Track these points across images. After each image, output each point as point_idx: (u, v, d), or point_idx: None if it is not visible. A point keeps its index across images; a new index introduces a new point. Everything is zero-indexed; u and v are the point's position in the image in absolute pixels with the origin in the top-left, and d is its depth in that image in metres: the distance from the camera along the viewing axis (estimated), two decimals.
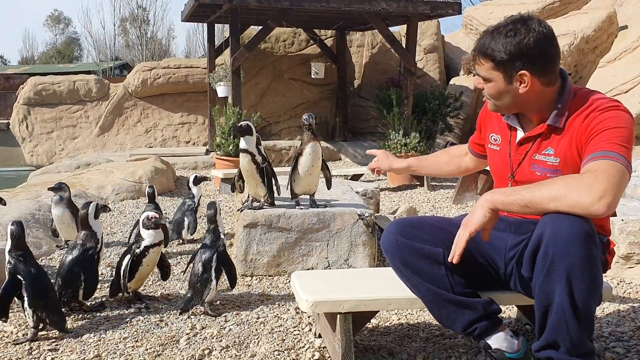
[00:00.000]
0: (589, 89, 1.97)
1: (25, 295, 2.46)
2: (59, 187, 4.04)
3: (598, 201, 1.66)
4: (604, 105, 1.83)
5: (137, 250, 2.87)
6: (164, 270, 3.08)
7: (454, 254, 1.84)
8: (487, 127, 2.16)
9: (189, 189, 4.36)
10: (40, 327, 2.51)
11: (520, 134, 2.00)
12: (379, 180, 7.69)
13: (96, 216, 2.90)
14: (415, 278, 1.97)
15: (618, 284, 3.12)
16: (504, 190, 1.83)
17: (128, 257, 2.87)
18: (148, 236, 2.88)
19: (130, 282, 2.90)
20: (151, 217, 2.88)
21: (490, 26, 1.93)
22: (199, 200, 4.28)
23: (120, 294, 2.95)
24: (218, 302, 2.96)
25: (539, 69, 1.85)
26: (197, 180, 4.32)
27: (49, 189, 4.13)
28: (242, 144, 3.22)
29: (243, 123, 3.20)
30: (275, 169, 3.44)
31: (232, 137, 7.17)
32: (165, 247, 3.71)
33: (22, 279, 2.47)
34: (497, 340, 1.98)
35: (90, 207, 2.88)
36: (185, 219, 4.20)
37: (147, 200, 4.11)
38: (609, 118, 1.80)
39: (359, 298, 2.11)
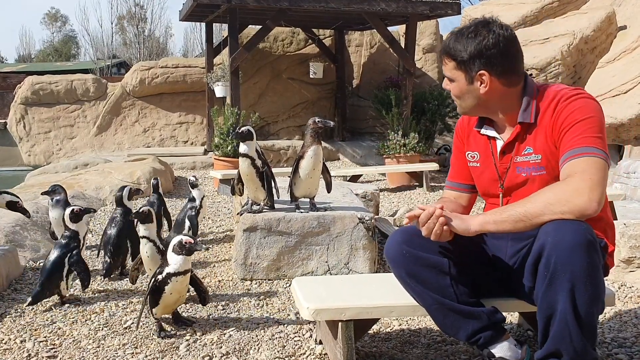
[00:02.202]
0: (551, 84, 1.99)
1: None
2: (52, 191, 4.00)
3: (588, 202, 1.71)
4: (569, 94, 1.86)
5: (159, 277, 2.50)
6: (202, 296, 2.71)
7: (412, 214, 1.88)
8: (464, 146, 2.14)
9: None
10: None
11: (500, 143, 1.99)
12: (377, 180, 7.68)
13: (129, 198, 3.50)
14: (420, 288, 1.96)
15: (619, 288, 3.10)
16: (495, 210, 1.85)
17: (152, 281, 2.53)
18: (174, 262, 2.48)
19: (155, 309, 2.56)
20: (185, 242, 2.47)
21: (456, 27, 1.97)
22: (200, 202, 4.21)
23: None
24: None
25: (499, 69, 1.89)
26: (194, 183, 4.27)
27: (42, 194, 4.13)
28: (242, 148, 3.20)
29: (244, 128, 3.16)
30: (273, 170, 3.42)
31: (230, 138, 7.14)
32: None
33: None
34: (501, 350, 1.96)
35: (124, 190, 3.54)
36: (187, 221, 4.18)
37: (151, 191, 4.27)
38: (577, 109, 1.82)
39: (361, 305, 2.09)
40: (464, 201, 2.17)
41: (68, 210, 3.06)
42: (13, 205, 3.43)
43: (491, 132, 2.02)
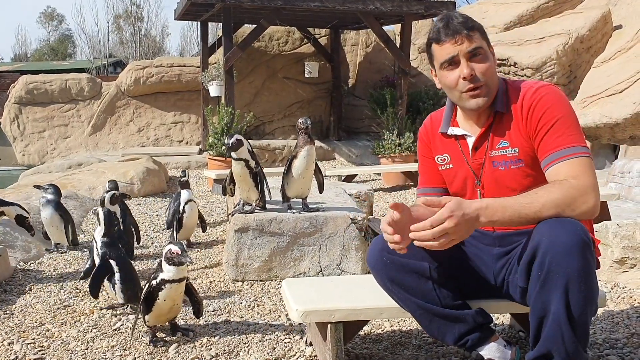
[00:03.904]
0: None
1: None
2: (45, 188, 3.99)
3: (594, 208, 1.73)
4: (533, 86, 1.86)
5: (154, 282, 2.45)
6: (196, 307, 2.64)
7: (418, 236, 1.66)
8: (432, 151, 2.08)
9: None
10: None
11: (471, 140, 1.95)
12: (373, 180, 7.67)
13: (113, 203, 3.63)
14: (403, 294, 1.94)
15: (612, 289, 3.09)
16: (497, 204, 1.72)
17: (146, 287, 2.49)
18: (167, 270, 2.44)
19: (148, 316, 2.50)
20: (173, 252, 2.42)
21: (443, 16, 1.90)
22: (184, 206, 4.04)
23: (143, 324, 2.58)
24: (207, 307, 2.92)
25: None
26: (182, 184, 4.15)
27: (34, 186, 4.15)
28: (235, 154, 3.18)
29: (233, 140, 3.13)
30: (269, 169, 3.41)
31: (226, 156, 7.09)
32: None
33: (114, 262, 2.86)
34: (490, 351, 1.95)
35: (108, 195, 3.72)
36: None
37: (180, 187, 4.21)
38: (551, 106, 1.80)
39: (351, 307, 2.08)
40: None
41: (108, 195, 3.63)
42: (21, 220, 3.47)
43: (460, 131, 1.97)
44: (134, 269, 2.92)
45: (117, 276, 2.82)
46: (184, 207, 4.05)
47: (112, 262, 2.83)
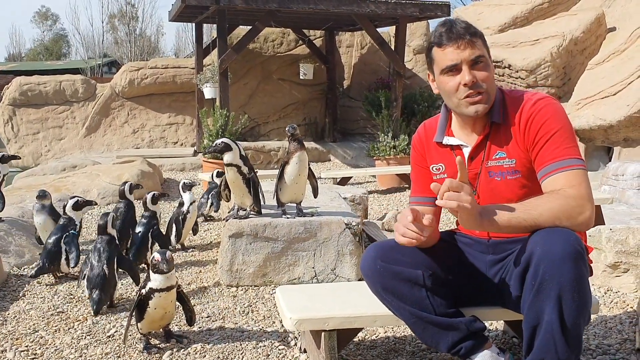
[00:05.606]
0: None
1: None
2: (43, 195, 3.99)
3: (589, 219, 1.74)
4: (532, 98, 1.86)
5: (143, 291, 2.45)
6: (188, 315, 2.63)
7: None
8: (426, 160, 2.07)
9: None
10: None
11: (467, 150, 1.95)
12: (368, 182, 7.67)
13: (154, 202, 3.73)
14: (396, 302, 1.94)
15: (605, 293, 3.11)
16: (495, 207, 1.74)
17: (137, 295, 2.49)
18: (154, 279, 2.44)
19: (140, 324, 2.49)
20: (155, 260, 2.44)
21: (445, 21, 1.89)
22: (188, 207, 4.09)
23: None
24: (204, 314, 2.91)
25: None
26: (186, 186, 4.18)
27: (37, 198, 4.14)
28: (226, 158, 3.18)
29: (218, 142, 3.15)
30: (264, 171, 3.42)
31: (204, 154, 7.10)
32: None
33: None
34: (484, 359, 1.95)
35: (126, 185, 3.95)
36: (175, 226, 4.13)
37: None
38: (550, 118, 1.81)
39: (344, 315, 2.08)
40: (435, 220, 2.02)
41: (150, 195, 3.72)
42: (80, 206, 3.63)
43: (456, 141, 1.97)
44: (106, 272, 2.91)
45: (87, 273, 2.98)
46: (188, 208, 4.10)
47: (87, 260, 3.03)
